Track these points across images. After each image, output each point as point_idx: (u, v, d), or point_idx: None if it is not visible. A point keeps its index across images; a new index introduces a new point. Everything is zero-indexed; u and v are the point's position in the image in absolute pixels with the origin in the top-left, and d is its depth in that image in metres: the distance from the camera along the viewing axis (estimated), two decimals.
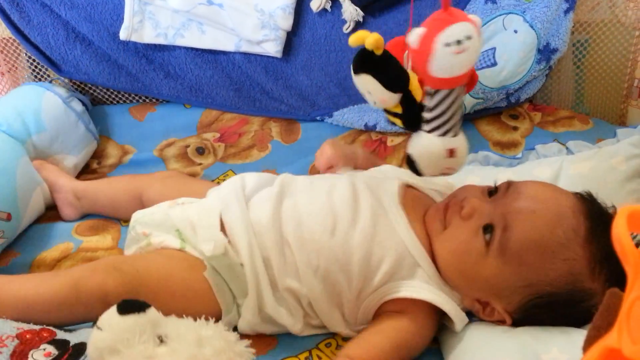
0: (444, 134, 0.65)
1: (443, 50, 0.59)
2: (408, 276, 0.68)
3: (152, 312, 0.55)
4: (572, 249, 0.63)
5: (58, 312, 0.65)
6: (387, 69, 0.64)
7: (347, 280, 0.68)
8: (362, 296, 0.68)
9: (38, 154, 0.94)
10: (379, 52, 0.63)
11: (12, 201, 0.84)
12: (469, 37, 0.60)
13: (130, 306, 0.54)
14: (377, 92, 0.65)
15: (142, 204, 0.85)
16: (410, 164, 0.68)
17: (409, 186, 0.75)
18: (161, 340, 0.54)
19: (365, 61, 0.64)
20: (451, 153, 0.66)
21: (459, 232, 0.67)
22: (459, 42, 0.59)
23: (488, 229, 0.66)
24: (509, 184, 0.69)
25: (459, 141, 0.67)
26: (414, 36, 0.61)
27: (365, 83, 0.64)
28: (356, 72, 0.64)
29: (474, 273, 0.66)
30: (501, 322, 0.67)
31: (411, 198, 0.73)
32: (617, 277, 0.37)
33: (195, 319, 0.58)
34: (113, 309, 0.55)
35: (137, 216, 0.77)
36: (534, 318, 0.65)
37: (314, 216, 0.70)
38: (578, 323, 0.64)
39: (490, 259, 0.65)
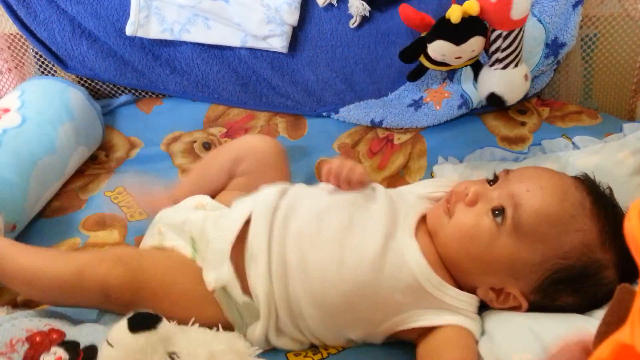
0: (517, 64, 0.79)
1: None
2: (423, 305, 0.66)
3: (163, 327, 0.55)
4: (581, 220, 0.64)
5: (59, 293, 0.66)
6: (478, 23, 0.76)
7: (354, 312, 0.66)
8: (373, 324, 0.67)
9: (63, 143, 0.93)
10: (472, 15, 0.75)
11: (20, 212, 0.84)
12: None
13: (141, 322, 0.54)
14: (481, 45, 0.77)
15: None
16: (493, 100, 0.81)
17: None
18: (173, 359, 0.54)
19: (472, 26, 0.75)
20: (526, 77, 0.81)
21: (467, 218, 0.67)
22: None
23: (498, 211, 0.66)
24: (507, 171, 0.70)
25: (526, 66, 0.81)
26: None
27: (473, 44, 0.76)
28: (463, 41, 0.75)
29: (488, 256, 0.65)
30: (515, 309, 0.67)
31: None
32: (626, 250, 0.37)
33: (205, 328, 0.58)
34: (124, 325, 0.54)
35: (162, 214, 0.76)
36: (550, 297, 0.65)
37: (319, 248, 0.67)
38: (591, 301, 0.64)
39: (504, 238, 0.65)
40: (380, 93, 1.01)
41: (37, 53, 1.07)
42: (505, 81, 0.79)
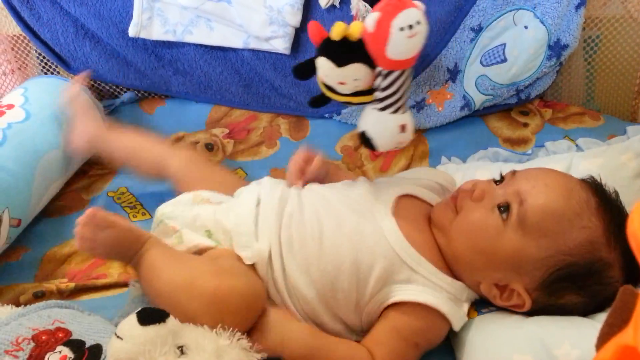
0: (396, 111, 0.70)
1: (398, 34, 0.64)
2: (404, 280, 0.67)
3: (171, 321, 0.55)
4: (587, 217, 0.64)
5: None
6: (367, 52, 0.67)
7: (341, 291, 0.67)
8: (360, 306, 0.68)
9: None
10: (356, 39, 0.67)
11: (25, 207, 0.84)
12: (418, 22, 0.64)
13: (151, 316, 0.55)
14: (367, 76, 0.69)
15: (160, 175, 0.87)
16: (365, 141, 0.72)
17: (409, 195, 0.74)
18: (181, 352, 0.54)
19: (353, 51, 0.67)
20: (403, 128, 0.71)
21: (473, 213, 0.68)
22: (411, 26, 0.64)
23: (503, 207, 0.66)
24: (514, 172, 0.71)
25: (408, 117, 0.71)
26: (371, 20, 0.65)
27: (354, 72, 0.68)
28: (342, 64, 0.67)
29: (493, 250, 0.66)
30: (518, 307, 0.67)
31: (408, 206, 0.73)
32: (631, 252, 0.37)
33: (212, 329, 0.59)
34: (133, 318, 0.55)
35: (164, 210, 0.77)
36: (554, 295, 0.65)
37: (302, 228, 0.70)
38: (596, 302, 0.64)
39: (510, 233, 0.65)
40: None
41: (40, 54, 1.07)
42: (379, 124, 0.70)
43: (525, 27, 0.95)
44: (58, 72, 1.09)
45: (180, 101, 1.08)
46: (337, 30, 0.67)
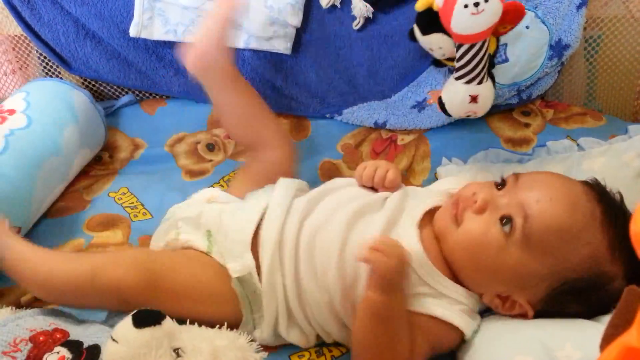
0: (469, 82, 0.75)
1: (462, 11, 0.68)
2: (419, 293, 0.66)
3: (167, 323, 0.55)
4: (591, 232, 0.63)
5: (72, 295, 0.66)
6: None
7: (354, 299, 0.66)
8: None
9: (68, 146, 0.93)
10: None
11: (25, 215, 0.85)
12: (487, 0, 0.68)
13: (146, 318, 0.54)
14: (450, 45, 0.74)
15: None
16: (441, 105, 0.79)
17: (437, 207, 0.73)
18: (177, 354, 0.54)
19: (434, 21, 0.72)
20: (474, 99, 0.76)
21: (475, 226, 0.66)
22: (476, 4, 0.67)
23: (506, 220, 0.65)
24: (516, 176, 0.70)
25: (483, 89, 0.76)
26: None
27: (437, 41, 0.74)
28: (426, 33, 0.74)
29: (495, 266, 0.65)
30: (521, 316, 0.66)
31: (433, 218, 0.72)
32: (635, 260, 0.37)
33: (209, 327, 0.59)
34: (129, 321, 0.55)
35: (174, 208, 0.77)
36: (557, 307, 0.65)
37: (328, 230, 0.69)
38: (599, 310, 0.64)
39: (513, 249, 0.64)
40: (383, 94, 1.01)
41: (41, 54, 1.07)
42: (452, 92, 0.77)
43: (527, 27, 0.95)
44: (59, 73, 1.08)
45: (181, 101, 1.08)
46: (420, 2, 0.73)
